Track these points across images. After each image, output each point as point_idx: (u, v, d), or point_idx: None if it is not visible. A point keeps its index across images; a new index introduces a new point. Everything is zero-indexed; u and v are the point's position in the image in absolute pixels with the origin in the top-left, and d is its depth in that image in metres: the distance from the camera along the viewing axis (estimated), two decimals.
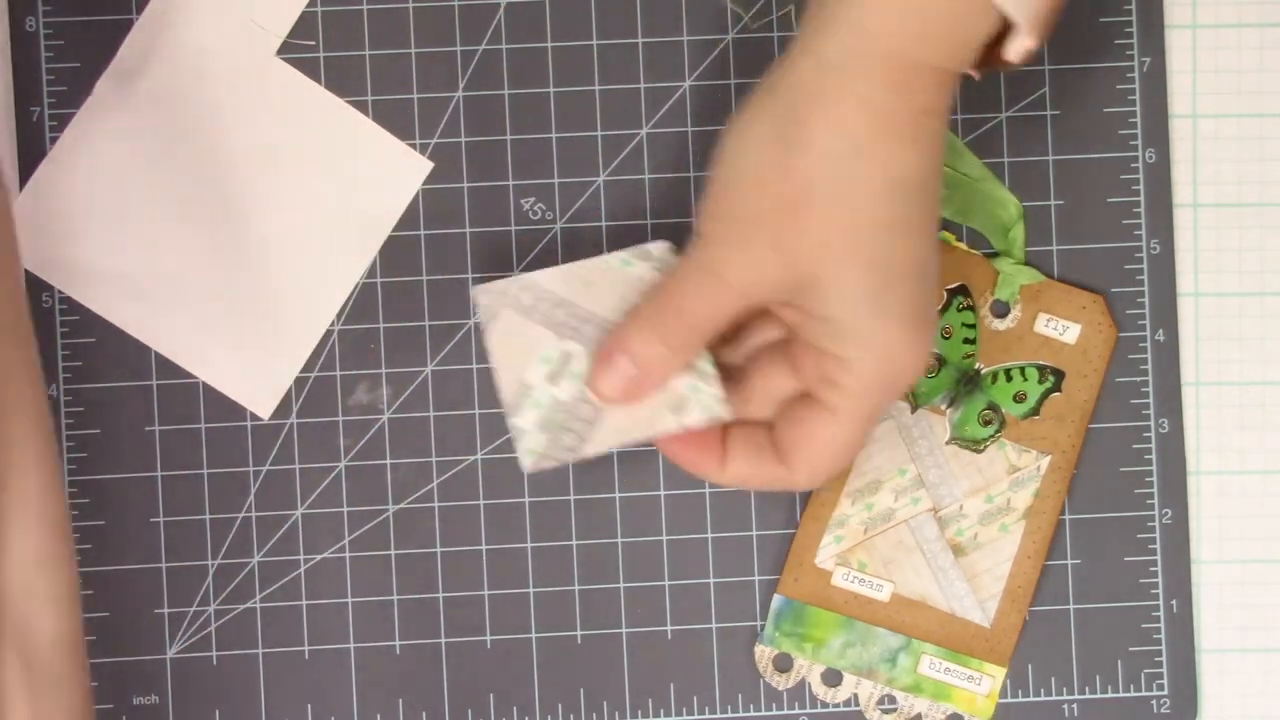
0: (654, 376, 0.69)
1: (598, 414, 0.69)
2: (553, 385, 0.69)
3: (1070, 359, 0.77)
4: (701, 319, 0.68)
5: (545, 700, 0.77)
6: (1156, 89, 0.77)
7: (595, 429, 0.69)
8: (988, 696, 0.77)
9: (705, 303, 0.67)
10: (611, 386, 0.68)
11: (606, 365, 0.68)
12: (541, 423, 0.69)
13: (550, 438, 0.69)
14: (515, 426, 0.69)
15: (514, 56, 0.77)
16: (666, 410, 0.69)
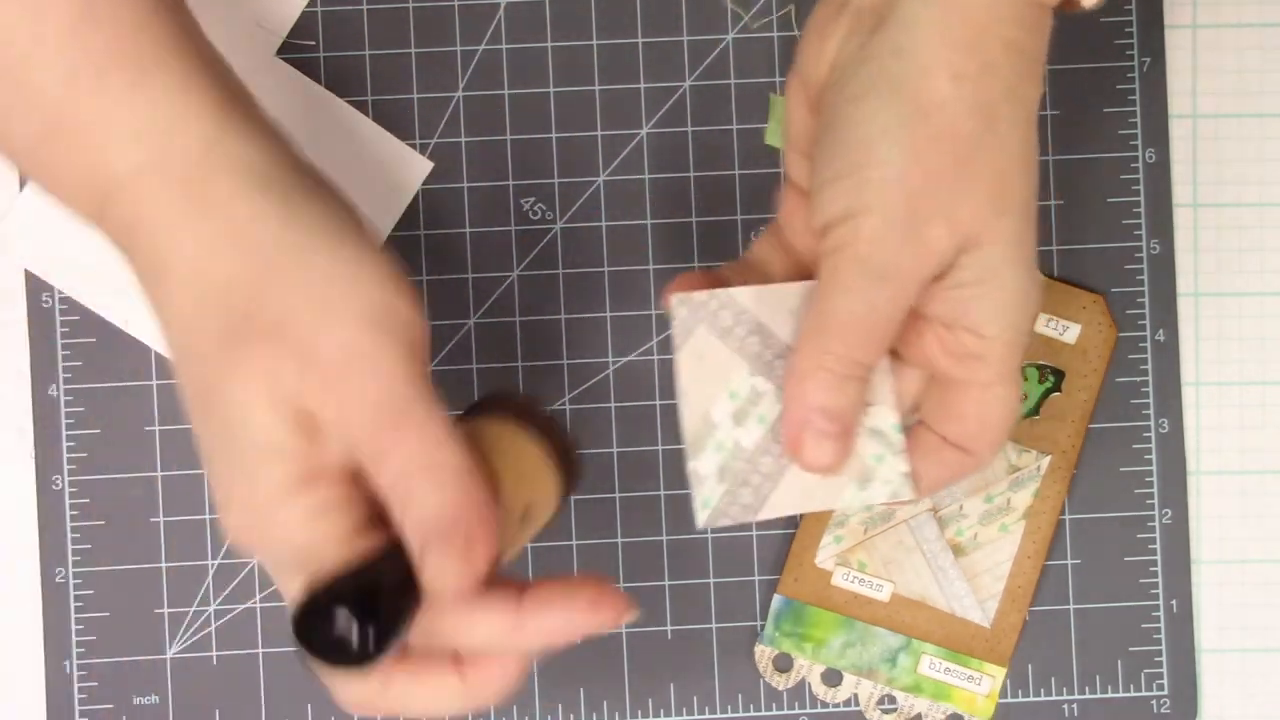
0: (851, 425, 0.63)
1: (780, 470, 0.64)
2: (738, 426, 0.64)
3: (1070, 359, 0.77)
4: (886, 335, 0.62)
5: (545, 700, 0.77)
6: (1156, 89, 0.77)
7: (776, 487, 0.64)
8: (988, 696, 0.77)
9: (889, 319, 0.62)
10: (819, 459, 0.63)
11: (800, 438, 0.63)
12: (721, 470, 0.64)
13: (728, 490, 0.64)
14: (694, 472, 0.64)
15: (514, 56, 0.77)
16: (852, 482, 0.64)
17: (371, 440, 0.59)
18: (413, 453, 0.58)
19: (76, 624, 0.76)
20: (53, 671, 0.76)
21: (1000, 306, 0.62)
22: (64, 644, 0.76)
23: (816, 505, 0.64)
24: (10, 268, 0.77)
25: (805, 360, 0.62)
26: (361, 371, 0.59)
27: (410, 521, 0.58)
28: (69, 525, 0.76)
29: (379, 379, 0.59)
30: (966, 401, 0.63)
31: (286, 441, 0.59)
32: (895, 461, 0.64)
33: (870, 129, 0.60)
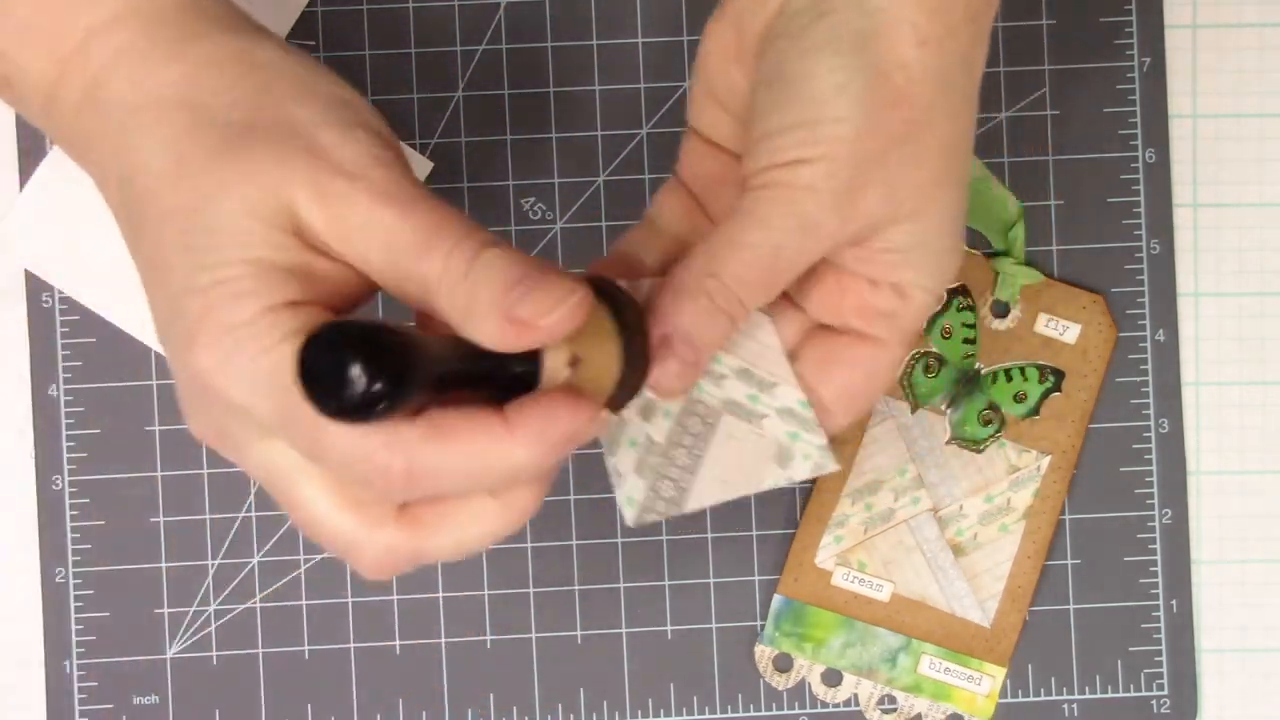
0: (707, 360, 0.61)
1: (696, 461, 0.63)
2: (646, 421, 0.62)
3: (1070, 359, 0.77)
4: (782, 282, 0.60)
5: (545, 700, 0.77)
6: (1156, 89, 0.77)
7: (695, 478, 0.63)
8: (988, 696, 0.77)
9: (792, 266, 0.60)
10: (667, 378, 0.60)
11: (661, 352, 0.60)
12: (638, 466, 0.62)
13: (649, 485, 0.62)
14: (612, 468, 0.62)
15: (514, 56, 0.77)
16: (771, 462, 0.63)
17: (412, 234, 0.55)
18: (464, 237, 0.56)
19: (76, 624, 0.76)
20: (53, 671, 0.76)
21: (928, 272, 0.61)
22: (64, 644, 0.76)
23: (740, 490, 0.63)
24: (10, 268, 0.77)
25: (690, 278, 0.60)
26: (387, 176, 0.56)
27: (485, 288, 0.55)
28: (69, 525, 0.76)
29: (406, 185, 0.56)
30: (858, 354, 0.62)
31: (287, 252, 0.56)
32: (812, 436, 0.63)
33: (827, 84, 0.59)
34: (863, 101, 0.58)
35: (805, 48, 0.59)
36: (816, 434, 0.63)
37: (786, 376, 0.63)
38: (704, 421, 0.63)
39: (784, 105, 0.59)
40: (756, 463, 0.63)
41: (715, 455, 0.63)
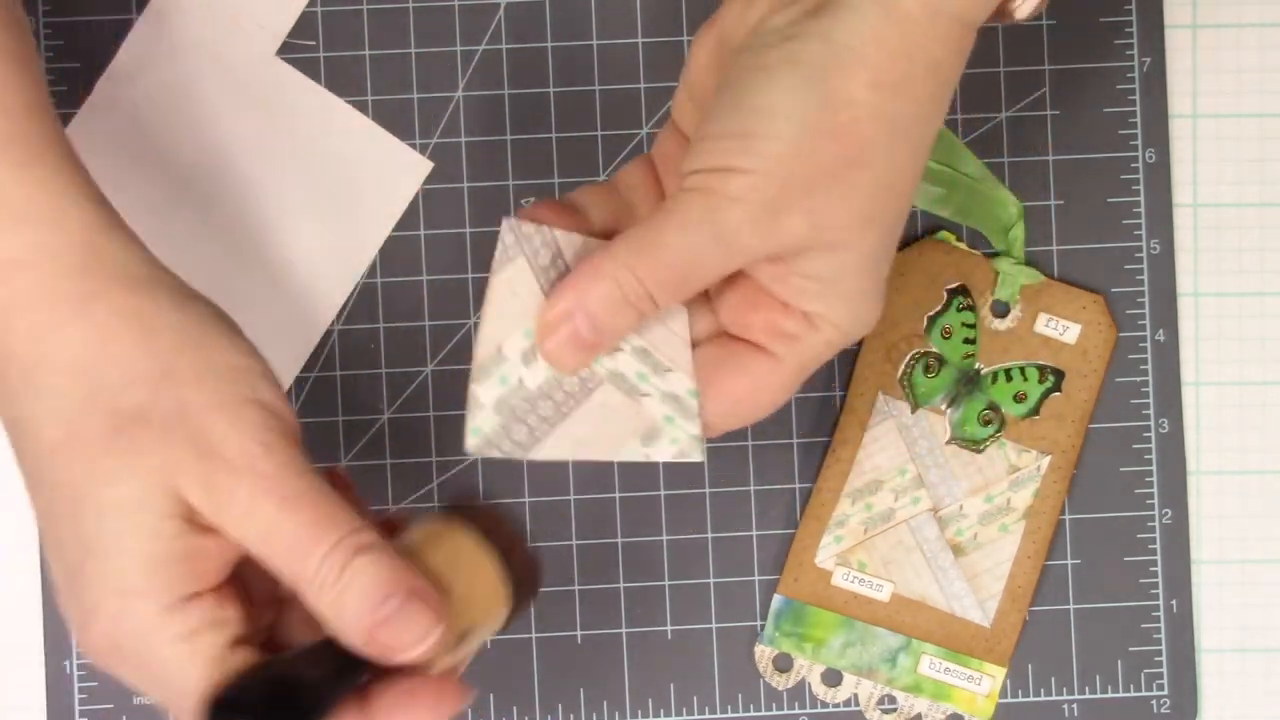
0: (605, 345, 0.63)
1: (561, 417, 0.63)
2: (525, 365, 0.63)
3: (1070, 359, 0.77)
4: (692, 286, 0.61)
5: (545, 700, 0.77)
6: (1156, 89, 0.77)
7: (553, 432, 0.63)
8: (988, 696, 0.77)
9: (705, 270, 0.61)
10: (560, 350, 0.62)
11: (560, 324, 0.62)
12: (498, 403, 0.63)
13: (503, 423, 0.63)
14: (473, 396, 0.63)
15: (514, 56, 0.77)
16: (635, 437, 0.64)
17: (289, 533, 0.58)
18: (340, 541, 0.58)
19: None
20: (53, 671, 0.76)
21: (841, 305, 0.62)
22: (64, 644, 0.76)
23: (593, 454, 0.63)
24: None
25: (606, 263, 0.61)
26: (272, 466, 0.58)
27: (352, 603, 0.57)
28: None
29: (289, 476, 0.58)
30: (752, 365, 0.63)
31: (177, 542, 0.57)
32: (687, 424, 0.64)
33: (773, 100, 0.59)
34: (803, 126, 0.59)
35: (764, 64, 0.60)
36: (693, 423, 0.64)
37: (684, 366, 0.64)
38: (583, 384, 0.64)
39: (729, 114, 0.60)
40: (620, 433, 0.64)
41: (581, 416, 0.63)
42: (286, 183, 0.76)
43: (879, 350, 0.77)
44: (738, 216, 0.60)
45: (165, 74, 0.76)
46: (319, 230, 0.76)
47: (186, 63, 0.76)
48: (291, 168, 0.76)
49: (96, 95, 0.76)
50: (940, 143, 0.77)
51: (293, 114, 0.76)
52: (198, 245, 0.76)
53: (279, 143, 0.76)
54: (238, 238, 0.76)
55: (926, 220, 0.77)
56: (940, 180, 0.77)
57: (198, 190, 0.76)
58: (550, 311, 0.62)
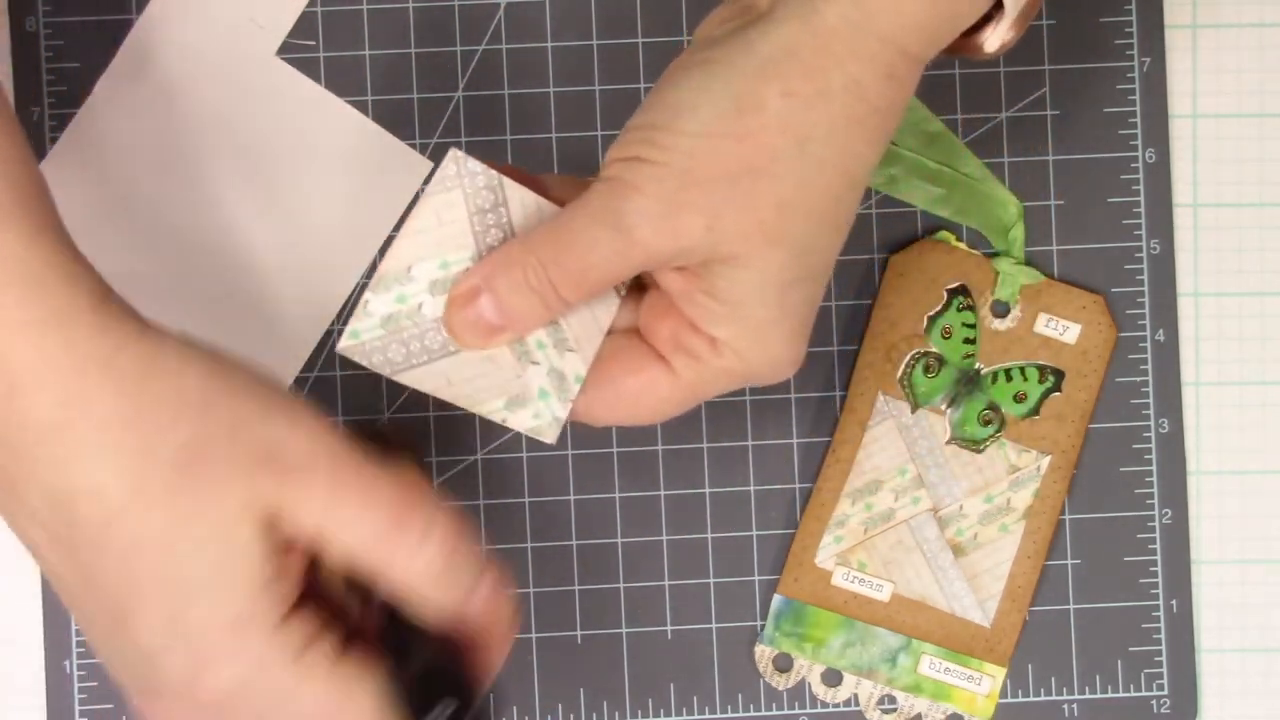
0: (513, 330, 0.62)
1: (445, 354, 0.63)
2: (429, 294, 0.63)
3: (1070, 359, 0.77)
4: (593, 280, 0.61)
5: (545, 700, 0.77)
6: (1156, 89, 0.77)
7: (429, 364, 0.63)
8: (988, 696, 0.77)
9: (605, 263, 0.60)
10: (463, 326, 0.62)
11: (466, 301, 0.62)
12: (388, 318, 0.62)
13: (384, 337, 0.62)
14: (365, 303, 0.62)
15: (514, 56, 0.77)
16: (500, 398, 0.63)
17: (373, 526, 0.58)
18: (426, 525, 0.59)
19: (76, 624, 0.76)
20: (53, 671, 0.76)
21: (745, 333, 0.61)
22: (64, 644, 0.76)
23: (455, 398, 0.63)
24: None
25: (515, 251, 0.61)
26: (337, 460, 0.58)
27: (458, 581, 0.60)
28: None
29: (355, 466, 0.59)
30: (650, 370, 0.63)
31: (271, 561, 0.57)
32: (557, 405, 0.63)
33: (685, 96, 0.60)
34: (709, 124, 0.59)
35: (686, 64, 0.61)
36: (563, 407, 0.63)
37: (586, 353, 0.64)
38: None
39: (646, 108, 0.61)
40: (490, 388, 0.63)
41: (464, 359, 0.63)
42: (286, 183, 0.76)
43: (879, 350, 0.77)
44: (636, 206, 0.59)
45: (165, 74, 0.76)
46: (319, 230, 0.76)
47: (186, 63, 0.76)
48: (291, 168, 0.76)
49: (96, 95, 0.76)
50: (940, 143, 0.77)
51: (293, 114, 0.76)
52: (198, 245, 0.76)
53: (279, 143, 0.76)
54: (237, 238, 0.76)
55: (926, 220, 0.77)
56: (940, 180, 0.77)
57: (197, 190, 0.76)
58: (460, 286, 0.62)
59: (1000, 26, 0.62)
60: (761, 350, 0.61)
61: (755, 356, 0.62)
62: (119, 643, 0.59)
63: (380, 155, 0.76)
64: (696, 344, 0.62)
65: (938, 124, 0.77)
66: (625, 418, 0.64)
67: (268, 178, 0.76)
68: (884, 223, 0.77)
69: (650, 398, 0.63)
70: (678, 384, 0.62)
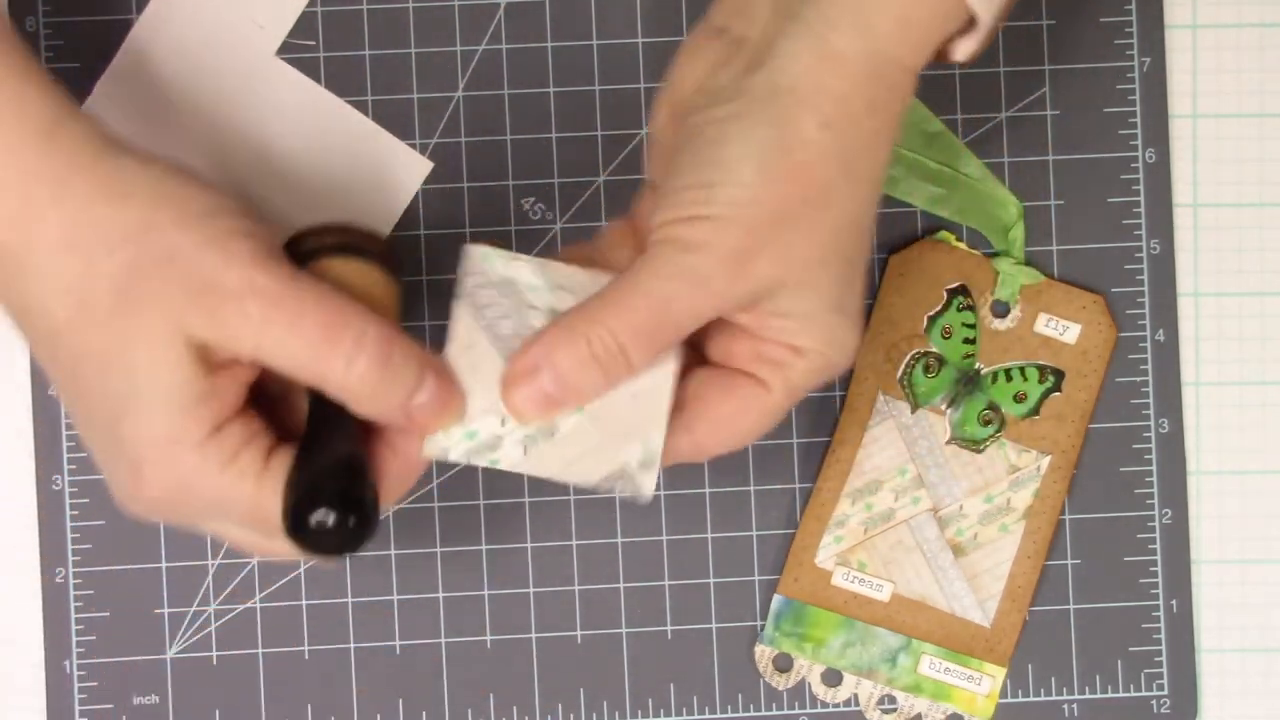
0: (572, 403, 0.64)
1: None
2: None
3: (1070, 359, 0.77)
4: (668, 337, 0.63)
5: (545, 700, 0.77)
6: (1156, 89, 0.77)
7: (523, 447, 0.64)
8: (988, 696, 0.77)
9: (682, 317, 0.63)
10: (523, 403, 0.63)
11: (527, 379, 0.63)
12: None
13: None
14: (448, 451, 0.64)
15: (514, 56, 0.77)
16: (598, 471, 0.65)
17: (306, 344, 0.62)
18: (356, 340, 0.62)
19: (76, 624, 0.76)
20: (53, 671, 0.76)
21: (817, 334, 0.63)
22: (64, 644, 0.76)
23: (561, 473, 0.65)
24: None
25: (577, 319, 0.63)
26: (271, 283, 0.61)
27: (392, 393, 0.63)
28: (69, 525, 0.76)
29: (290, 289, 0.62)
30: (743, 392, 0.64)
31: (199, 382, 0.61)
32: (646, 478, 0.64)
33: (733, 150, 0.62)
34: (764, 170, 0.61)
35: (719, 117, 0.62)
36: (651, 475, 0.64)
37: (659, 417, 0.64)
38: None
39: (689, 168, 0.62)
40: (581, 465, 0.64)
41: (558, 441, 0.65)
42: (286, 183, 0.76)
43: (879, 350, 0.77)
44: (709, 260, 0.62)
45: (165, 74, 0.76)
46: None
47: (186, 63, 0.76)
48: (291, 168, 0.76)
49: (97, 95, 0.76)
50: (940, 142, 0.77)
51: (293, 114, 0.76)
52: None
53: (279, 143, 0.76)
54: None
55: (926, 220, 0.77)
56: (940, 180, 0.77)
57: None
58: (516, 364, 0.63)
59: (973, 37, 0.64)
60: (838, 345, 0.64)
61: (834, 351, 0.64)
62: (74, 412, 0.64)
63: (380, 155, 0.76)
64: (780, 353, 0.64)
65: (938, 124, 0.77)
66: (733, 441, 0.65)
67: (268, 178, 0.76)
68: (884, 223, 0.77)
69: (751, 414, 0.65)
70: (771, 394, 0.65)
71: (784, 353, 0.64)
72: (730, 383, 0.65)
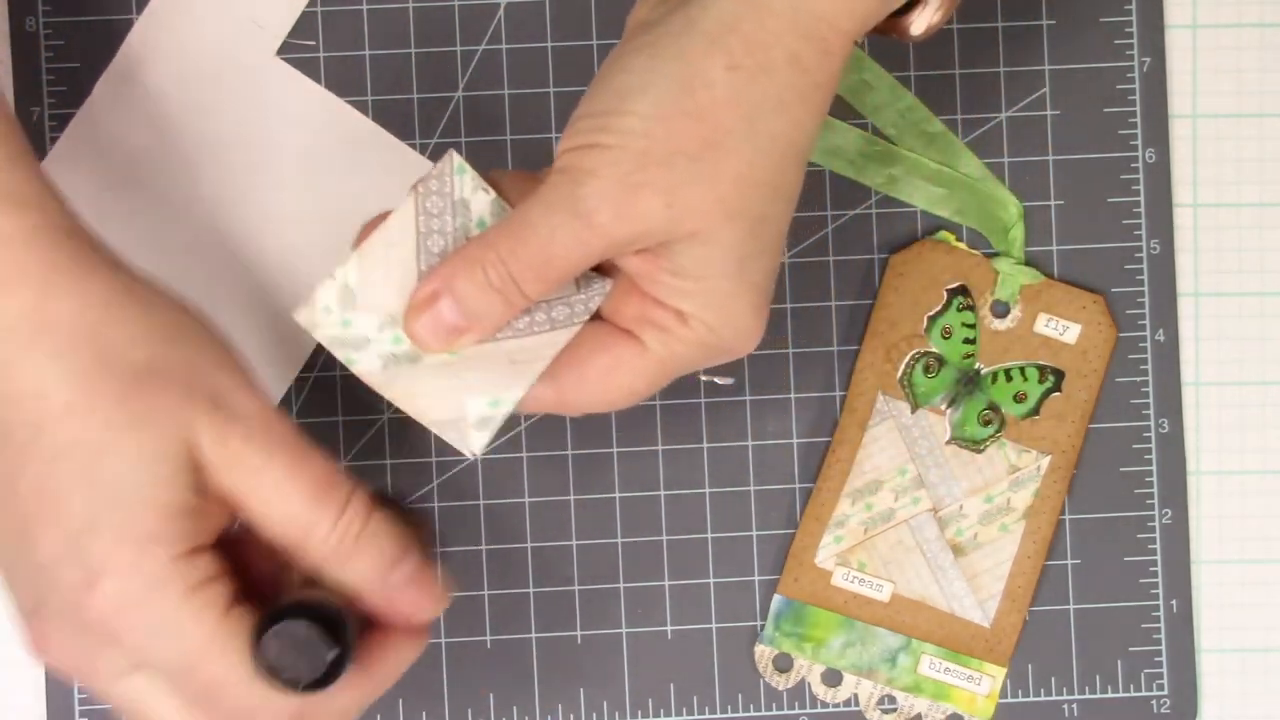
0: (477, 331, 0.62)
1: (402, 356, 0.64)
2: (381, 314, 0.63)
3: (1070, 359, 0.77)
4: (555, 270, 0.61)
5: (545, 700, 0.77)
6: (1156, 89, 0.77)
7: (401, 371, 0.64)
8: (988, 696, 0.77)
9: (567, 251, 0.61)
10: (426, 331, 0.62)
11: (427, 305, 0.62)
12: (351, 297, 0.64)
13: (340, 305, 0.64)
14: (340, 279, 0.64)
15: (514, 56, 0.77)
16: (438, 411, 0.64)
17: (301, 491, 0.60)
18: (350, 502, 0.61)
19: None
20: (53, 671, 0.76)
21: (711, 305, 0.62)
22: None
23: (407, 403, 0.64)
24: None
25: (474, 248, 0.62)
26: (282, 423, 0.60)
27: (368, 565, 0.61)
28: None
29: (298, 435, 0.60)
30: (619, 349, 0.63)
31: (190, 495, 0.59)
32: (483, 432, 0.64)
33: (632, 80, 0.60)
34: (660, 103, 0.60)
35: (628, 49, 0.61)
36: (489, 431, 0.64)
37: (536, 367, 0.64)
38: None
39: (593, 95, 0.61)
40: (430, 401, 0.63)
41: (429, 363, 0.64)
42: (286, 183, 0.76)
43: (879, 350, 0.77)
44: (594, 190, 0.60)
45: (165, 74, 0.76)
46: (319, 230, 0.76)
47: (186, 62, 0.76)
48: (291, 168, 0.76)
49: (96, 95, 0.76)
50: (940, 143, 0.77)
51: (293, 114, 0.76)
52: (197, 244, 0.76)
53: (279, 143, 0.76)
54: (237, 237, 0.76)
55: (926, 220, 0.77)
56: (940, 180, 0.77)
57: (197, 190, 0.76)
58: (420, 291, 0.63)
59: (927, 10, 0.63)
60: (728, 321, 0.62)
61: (723, 327, 0.62)
62: (19, 553, 0.60)
63: (380, 155, 0.76)
64: (664, 318, 0.62)
65: (938, 124, 0.77)
66: (598, 398, 0.64)
67: (268, 178, 0.76)
68: (884, 223, 0.77)
69: (623, 375, 0.63)
70: (649, 358, 0.63)
71: (669, 317, 0.62)
72: (607, 339, 0.63)
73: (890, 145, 0.77)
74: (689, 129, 0.60)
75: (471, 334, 0.63)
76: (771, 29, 0.60)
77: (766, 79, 0.60)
